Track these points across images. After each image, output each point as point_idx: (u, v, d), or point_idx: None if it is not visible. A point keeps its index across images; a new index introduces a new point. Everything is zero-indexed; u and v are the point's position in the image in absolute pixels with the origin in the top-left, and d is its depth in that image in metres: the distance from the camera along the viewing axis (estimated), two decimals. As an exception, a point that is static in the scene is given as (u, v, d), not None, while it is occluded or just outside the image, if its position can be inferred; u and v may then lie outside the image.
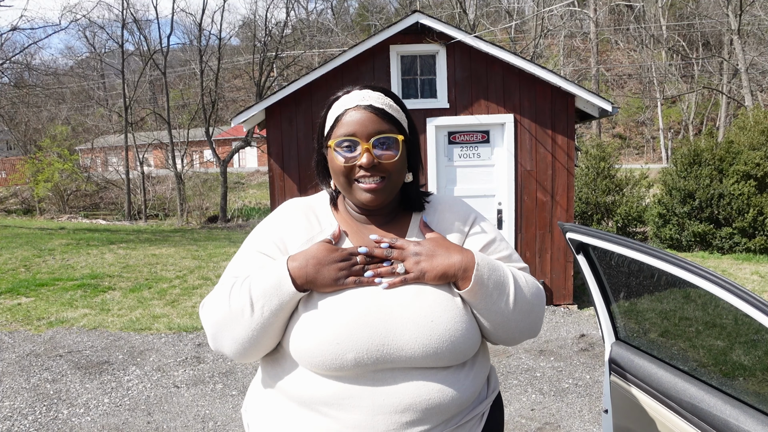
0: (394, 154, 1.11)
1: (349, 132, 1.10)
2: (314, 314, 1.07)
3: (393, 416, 1.05)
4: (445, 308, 1.09)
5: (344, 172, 1.12)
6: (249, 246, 1.21)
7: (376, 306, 1.07)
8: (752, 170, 9.65)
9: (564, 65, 31.74)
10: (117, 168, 29.07)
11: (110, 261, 9.25)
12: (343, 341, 1.03)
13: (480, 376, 1.18)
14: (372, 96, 1.13)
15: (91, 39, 33.54)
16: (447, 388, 1.09)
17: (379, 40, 6.11)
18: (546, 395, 3.90)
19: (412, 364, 1.07)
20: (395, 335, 1.05)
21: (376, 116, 1.11)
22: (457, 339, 1.07)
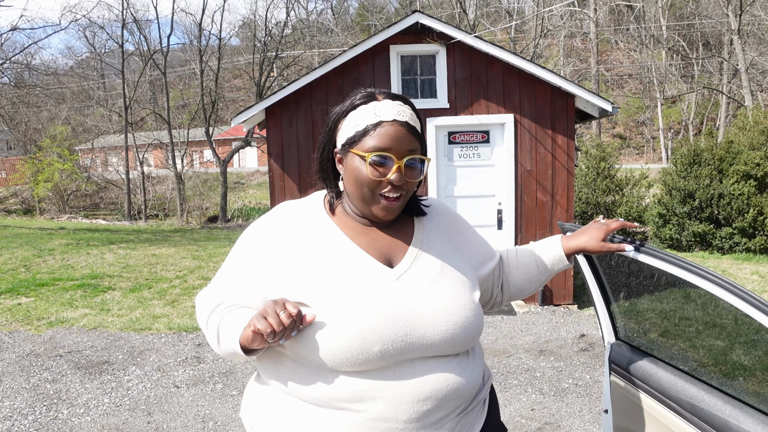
0: (419, 174, 1.15)
1: (385, 147, 1.10)
2: (334, 312, 1.08)
3: (415, 405, 1.09)
4: (456, 296, 1.16)
5: (369, 184, 1.12)
6: (237, 258, 1.21)
7: (394, 297, 1.11)
8: (752, 170, 9.65)
9: (564, 65, 31.74)
10: (117, 168, 29.07)
11: (110, 261, 9.25)
12: (368, 335, 1.06)
13: (480, 363, 1.25)
14: (407, 112, 1.14)
15: (91, 39, 33.57)
16: (460, 374, 1.15)
17: (379, 40, 6.11)
18: (546, 395, 3.90)
19: (432, 351, 1.11)
20: (416, 324, 1.10)
21: (410, 134, 1.13)
22: (469, 324, 1.15)
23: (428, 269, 1.18)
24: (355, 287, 1.10)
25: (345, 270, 1.12)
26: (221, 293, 1.20)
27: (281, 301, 1.02)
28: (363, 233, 1.20)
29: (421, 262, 1.19)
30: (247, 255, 1.19)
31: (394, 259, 1.18)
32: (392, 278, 1.14)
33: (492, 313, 5.95)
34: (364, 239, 1.19)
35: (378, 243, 1.19)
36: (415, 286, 1.15)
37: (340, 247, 1.16)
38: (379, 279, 1.13)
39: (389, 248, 1.19)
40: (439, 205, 1.36)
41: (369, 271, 1.14)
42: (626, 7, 36.32)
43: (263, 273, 1.15)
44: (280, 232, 1.18)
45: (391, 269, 1.16)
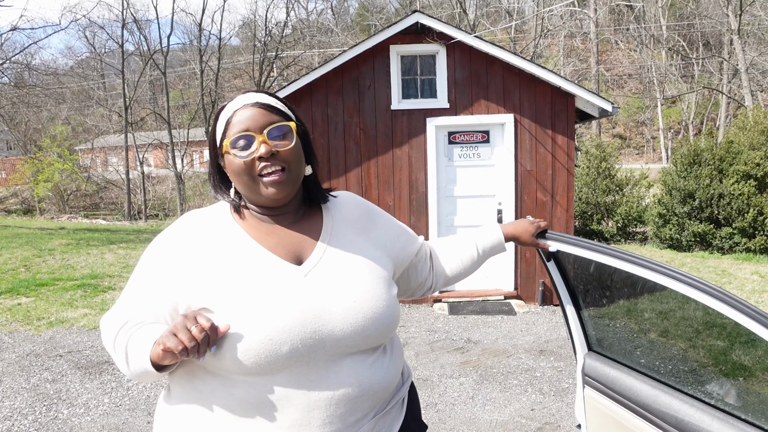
0: (290, 141, 1.13)
1: (242, 128, 1.11)
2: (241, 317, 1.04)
3: (328, 409, 1.06)
4: (367, 288, 1.14)
5: (245, 170, 1.11)
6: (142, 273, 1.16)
7: (302, 295, 1.09)
8: (752, 170, 9.65)
9: (564, 65, 31.74)
10: (117, 168, 29.07)
11: (110, 261, 9.25)
12: (276, 336, 1.03)
13: (399, 360, 1.22)
14: (256, 95, 1.16)
15: (91, 39, 33.59)
16: (374, 374, 1.12)
17: (379, 40, 6.11)
18: (546, 395, 3.90)
19: (344, 346, 1.08)
20: (325, 320, 1.07)
21: (265, 110, 1.13)
22: (381, 316, 1.12)
23: (337, 262, 1.16)
24: (260, 289, 1.07)
25: (251, 273, 1.09)
26: (127, 312, 1.14)
27: (192, 315, 0.98)
28: (270, 233, 1.17)
29: (330, 256, 1.16)
30: (152, 268, 1.14)
31: (303, 256, 1.16)
32: (299, 276, 1.11)
33: (492, 314, 5.95)
34: (271, 239, 1.16)
35: (286, 241, 1.17)
36: (324, 281, 1.12)
37: (246, 250, 1.13)
38: (286, 278, 1.10)
39: (298, 245, 1.17)
40: (348, 196, 1.33)
41: (275, 271, 1.11)
42: (626, 7, 36.33)
43: (170, 285, 1.10)
44: (185, 242, 1.14)
45: (299, 267, 1.13)
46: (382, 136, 6.27)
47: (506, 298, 6.36)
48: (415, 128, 6.23)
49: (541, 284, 6.27)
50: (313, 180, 1.25)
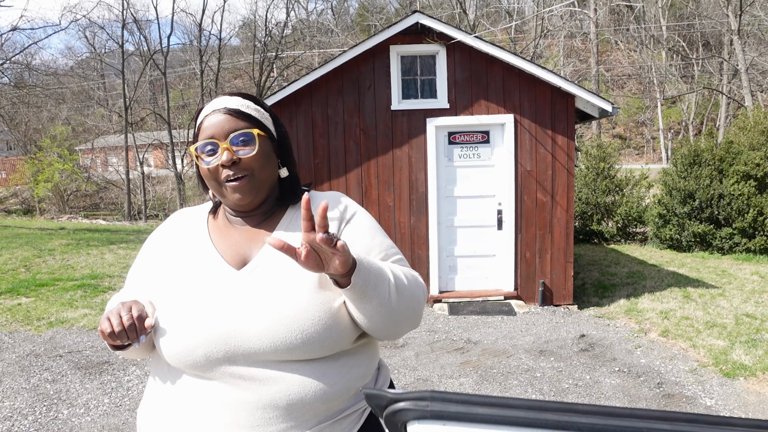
0: (252, 148, 1.12)
1: (208, 135, 1.12)
2: (168, 314, 1.10)
3: (255, 412, 1.05)
4: (297, 299, 1.06)
5: (211, 175, 1.13)
6: (137, 259, 1.27)
7: (229, 301, 1.08)
8: (752, 170, 9.64)
9: (564, 65, 31.74)
10: (117, 168, 29.07)
11: (110, 261, 9.25)
12: (191, 338, 1.05)
13: (356, 372, 1.13)
14: (227, 100, 1.16)
15: (91, 39, 33.57)
16: (311, 382, 1.06)
17: (379, 41, 6.11)
18: (546, 395, 3.90)
19: (265, 357, 1.05)
20: (244, 329, 1.05)
21: (231, 116, 1.13)
22: (309, 331, 1.04)
23: (277, 269, 1.10)
24: (192, 290, 1.11)
25: (192, 272, 1.14)
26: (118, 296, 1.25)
27: (128, 304, 1.06)
28: (228, 235, 1.19)
29: (271, 262, 1.11)
30: (139, 261, 1.25)
31: (249, 259, 1.15)
32: (234, 280, 1.11)
33: (492, 314, 5.95)
34: (227, 241, 1.18)
35: (239, 244, 1.17)
36: (255, 288, 1.09)
37: (199, 250, 1.17)
38: (219, 282, 1.11)
39: (248, 249, 1.16)
40: (328, 195, 1.24)
41: (212, 272, 1.13)
42: (626, 8, 36.33)
43: (146, 276, 1.20)
44: (163, 237, 1.24)
45: (237, 271, 1.12)
46: (382, 137, 6.27)
47: (506, 299, 6.36)
48: (415, 128, 6.23)
49: (541, 284, 6.28)
50: (288, 181, 1.23)
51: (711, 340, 5.02)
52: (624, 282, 7.46)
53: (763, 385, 4.02)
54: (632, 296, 6.68)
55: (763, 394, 3.89)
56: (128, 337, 1.03)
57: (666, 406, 3.71)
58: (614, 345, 4.97)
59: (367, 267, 1.02)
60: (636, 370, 4.34)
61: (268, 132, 1.18)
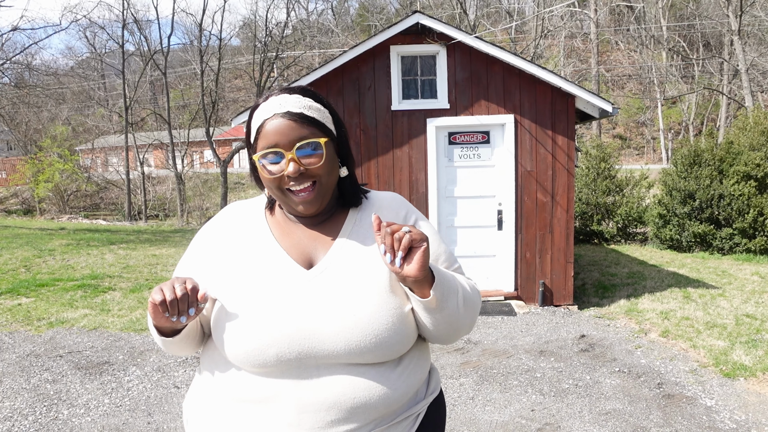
0: (320, 158, 1.09)
1: (271, 143, 1.08)
2: (237, 312, 1.08)
3: (318, 414, 1.04)
4: (370, 303, 1.06)
5: (274, 183, 1.10)
6: (188, 253, 1.24)
7: (301, 301, 1.07)
8: (752, 171, 9.64)
9: (564, 66, 31.74)
10: (117, 168, 29.08)
11: (110, 261, 9.25)
12: (264, 338, 1.04)
13: (415, 376, 1.14)
14: (289, 101, 1.10)
15: (92, 39, 33.59)
16: (375, 386, 1.06)
17: (379, 41, 6.11)
18: (546, 396, 3.90)
19: (336, 360, 1.05)
20: (318, 331, 1.04)
21: (295, 122, 1.08)
22: (382, 335, 1.05)
23: (347, 271, 1.11)
24: (262, 289, 1.09)
25: (260, 270, 1.11)
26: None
27: (182, 278, 1.03)
28: (290, 233, 1.17)
29: (341, 263, 1.12)
30: (192, 254, 1.22)
31: (315, 260, 1.13)
32: (305, 280, 1.09)
33: (492, 314, 5.95)
34: (290, 239, 1.16)
35: (303, 242, 1.15)
36: (328, 289, 1.08)
37: (263, 247, 1.15)
38: (290, 282, 1.09)
39: (312, 247, 1.15)
40: (388, 197, 1.25)
41: (282, 272, 1.11)
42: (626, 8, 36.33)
43: (200, 272, 1.17)
44: (220, 232, 1.20)
45: (306, 271, 1.11)
46: (383, 137, 6.27)
47: (506, 299, 6.36)
48: (415, 129, 6.23)
49: (541, 285, 6.27)
50: (348, 181, 1.20)
51: (711, 340, 5.01)
52: (624, 282, 7.46)
53: (763, 386, 4.02)
54: (632, 297, 6.68)
55: (763, 394, 3.89)
56: (179, 311, 1.00)
57: (666, 406, 3.71)
58: (614, 345, 4.97)
59: (443, 280, 1.07)
60: (636, 371, 4.34)
61: (331, 134, 1.14)
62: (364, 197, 1.23)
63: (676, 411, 3.63)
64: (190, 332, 1.15)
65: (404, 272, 1.00)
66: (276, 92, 1.13)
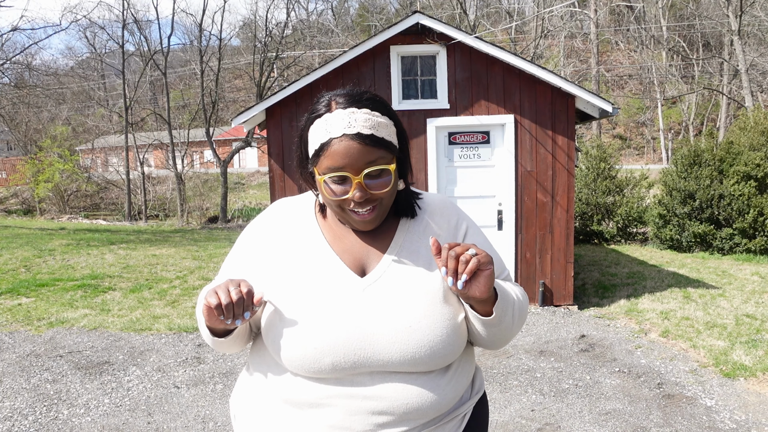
0: (387, 184, 1.07)
1: (338, 166, 1.03)
2: (292, 318, 1.08)
3: (370, 418, 1.05)
4: (426, 313, 1.08)
5: (336, 203, 1.08)
6: (234, 251, 1.23)
7: (356, 310, 1.07)
8: (752, 171, 9.64)
9: (564, 66, 31.74)
10: (117, 168, 29.08)
11: (110, 261, 9.25)
12: (321, 346, 1.04)
13: (463, 380, 1.16)
14: (359, 119, 1.04)
15: (92, 39, 33.57)
16: (426, 392, 1.08)
17: (379, 41, 6.11)
18: (546, 396, 3.90)
19: (390, 369, 1.06)
20: (373, 340, 1.05)
21: (365, 145, 1.03)
22: (437, 346, 1.06)
23: (401, 280, 1.11)
24: (318, 295, 1.08)
25: (314, 276, 1.11)
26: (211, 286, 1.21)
27: (237, 281, 1.02)
28: (342, 237, 1.16)
29: (394, 272, 1.11)
30: (240, 254, 1.20)
31: (368, 267, 1.13)
32: (359, 289, 1.09)
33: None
34: (342, 244, 1.15)
35: (355, 249, 1.15)
36: (381, 298, 1.08)
37: (316, 252, 1.14)
38: (344, 289, 1.09)
39: (366, 255, 1.14)
40: (438, 203, 1.23)
41: (336, 279, 1.10)
42: (626, 8, 36.33)
43: (249, 271, 1.16)
44: (269, 232, 1.18)
45: (361, 279, 1.11)
46: (383, 137, 6.26)
47: (506, 299, 6.35)
48: (415, 129, 6.23)
49: (541, 285, 6.27)
50: (404, 193, 1.18)
51: (711, 340, 5.01)
52: (624, 282, 7.46)
53: (763, 386, 4.02)
54: (632, 297, 6.68)
55: (763, 394, 3.89)
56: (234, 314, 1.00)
57: (666, 406, 3.71)
58: (614, 345, 4.97)
59: (504, 297, 1.10)
60: (636, 371, 4.34)
61: (396, 152, 1.10)
62: (417, 207, 1.21)
63: (676, 411, 3.63)
64: (241, 332, 1.15)
65: (470, 293, 1.01)
66: (342, 103, 1.08)
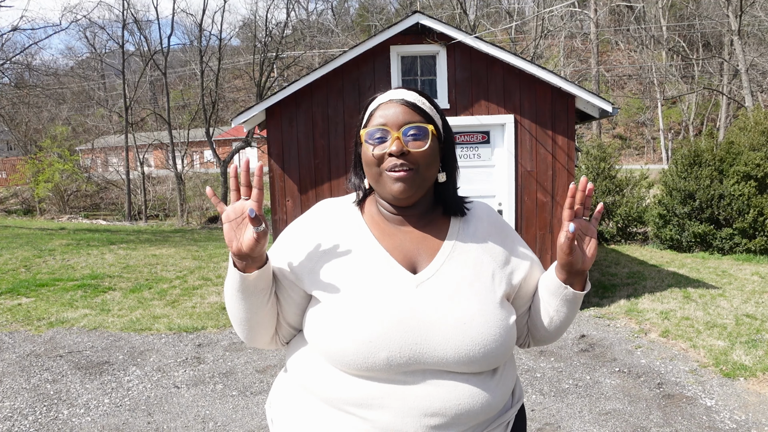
0: (424, 143, 1.10)
1: (381, 123, 1.12)
2: (345, 312, 1.07)
3: (422, 419, 1.04)
4: (480, 311, 1.08)
5: (375, 162, 1.11)
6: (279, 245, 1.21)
7: (410, 305, 1.07)
8: (752, 171, 9.64)
9: (564, 66, 31.74)
10: (117, 168, 29.06)
11: (110, 261, 9.25)
12: (376, 340, 1.03)
13: (508, 384, 1.17)
14: (406, 92, 1.16)
15: (92, 39, 33.57)
16: (477, 393, 1.08)
17: (379, 41, 6.11)
18: (546, 396, 3.90)
19: (445, 367, 1.06)
20: (428, 336, 1.05)
21: (408, 108, 1.12)
22: (491, 344, 1.07)
23: (454, 279, 1.11)
24: (370, 290, 1.08)
25: (365, 272, 1.10)
26: None
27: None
28: (391, 234, 1.16)
29: (448, 270, 1.12)
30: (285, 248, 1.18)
31: (420, 265, 1.13)
32: (412, 285, 1.10)
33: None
34: (392, 241, 1.15)
35: (405, 245, 1.15)
36: (436, 295, 1.09)
37: (366, 248, 1.14)
38: (398, 284, 1.09)
39: (416, 252, 1.15)
40: (484, 208, 1.27)
41: (388, 275, 1.10)
42: (626, 8, 36.33)
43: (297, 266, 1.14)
44: (316, 228, 1.18)
45: (414, 275, 1.11)
46: (383, 137, 6.27)
47: (506, 299, 6.36)
48: (415, 129, 6.23)
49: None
50: (450, 188, 1.21)
51: (711, 340, 5.01)
52: (624, 282, 7.46)
53: (763, 386, 4.02)
54: (632, 297, 6.68)
55: (763, 394, 3.88)
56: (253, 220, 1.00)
57: (666, 406, 3.71)
58: (614, 345, 4.97)
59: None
60: (636, 371, 4.34)
61: (438, 131, 1.16)
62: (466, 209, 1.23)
63: (676, 411, 3.63)
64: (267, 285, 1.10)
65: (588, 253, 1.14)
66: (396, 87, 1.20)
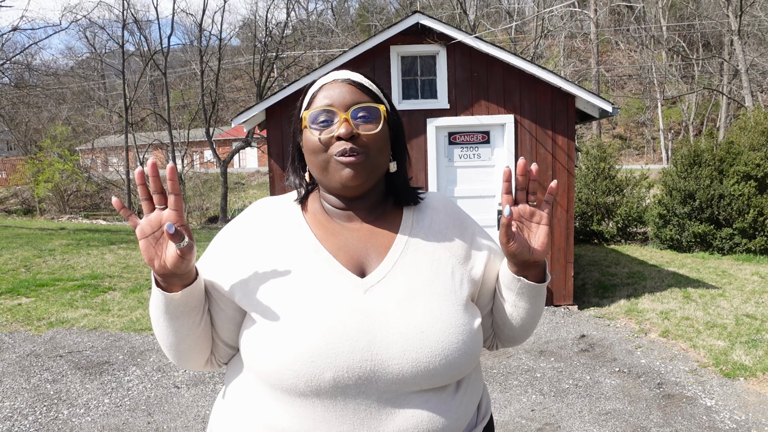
0: (375, 125, 0.98)
1: (326, 104, 0.97)
2: (281, 327, 0.91)
3: None
4: (437, 317, 0.94)
5: (321, 148, 0.97)
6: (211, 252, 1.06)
7: (357, 313, 0.92)
8: (752, 171, 9.64)
9: (564, 66, 31.74)
10: (117, 168, 29.08)
11: (110, 261, 9.25)
12: (318, 359, 0.88)
13: (472, 400, 1.03)
14: (351, 73, 1.02)
15: (92, 39, 33.59)
16: (437, 416, 0.93)
17: (379, 41, 6.11)
18: (546, 396, 3.90)
19: (401, 384, 0.91)
20: (380, 349, 0.90)
21: (355, 88, 0.99)
22: (453, 353, 0.92)
23: (408, 280, 0.97)
24: (310, 300, 0.93)
25: (305, 278, 0.95)
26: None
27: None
28: (336, 233, 1.02)
29: (401, 271, 0.98)
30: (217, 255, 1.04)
31: (369, 266, 0.99)
32: (359, 290, 0.95)
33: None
34: (336, 241, 1.01)
35: (352, 245, 1.01)
36: (388, 301, 0.94)
37: (306, 251, 0.99)
38: (342, 291, 0.94)
39: (365, 251, 1.01)
40: (440, 198, 1.12)
41: (332, 280, 0.95)
42: (626, 8, 36.34)
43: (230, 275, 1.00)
44: (252, 231, 1.03)
45: (361, 279, 0.97)
46: (383, 137, 6.27)
47: (506, 299, 6.35)
48: (415, 129, 6.23)
49: (541, 285, 6.28)
50: (400, 178, 1.08)
51: (711, 340, 5.01)
52: (624, 282, 7.46)
53: (763, 386, 4.02)
54: (632, 297, 6.68)
55: (763, 394, 3.89)
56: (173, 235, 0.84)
57: (666, 406, 3.71)
58: (614, 345, 4.97)
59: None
60: (636, 371, 4.34)
61: (389, 114, 1.05)
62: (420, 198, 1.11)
63: (676, 411, 3.63)
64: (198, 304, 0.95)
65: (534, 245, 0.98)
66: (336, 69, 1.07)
